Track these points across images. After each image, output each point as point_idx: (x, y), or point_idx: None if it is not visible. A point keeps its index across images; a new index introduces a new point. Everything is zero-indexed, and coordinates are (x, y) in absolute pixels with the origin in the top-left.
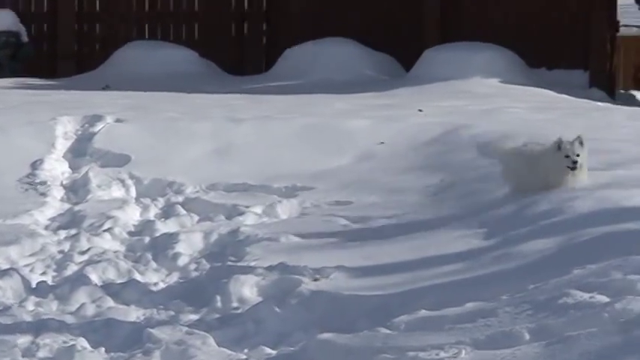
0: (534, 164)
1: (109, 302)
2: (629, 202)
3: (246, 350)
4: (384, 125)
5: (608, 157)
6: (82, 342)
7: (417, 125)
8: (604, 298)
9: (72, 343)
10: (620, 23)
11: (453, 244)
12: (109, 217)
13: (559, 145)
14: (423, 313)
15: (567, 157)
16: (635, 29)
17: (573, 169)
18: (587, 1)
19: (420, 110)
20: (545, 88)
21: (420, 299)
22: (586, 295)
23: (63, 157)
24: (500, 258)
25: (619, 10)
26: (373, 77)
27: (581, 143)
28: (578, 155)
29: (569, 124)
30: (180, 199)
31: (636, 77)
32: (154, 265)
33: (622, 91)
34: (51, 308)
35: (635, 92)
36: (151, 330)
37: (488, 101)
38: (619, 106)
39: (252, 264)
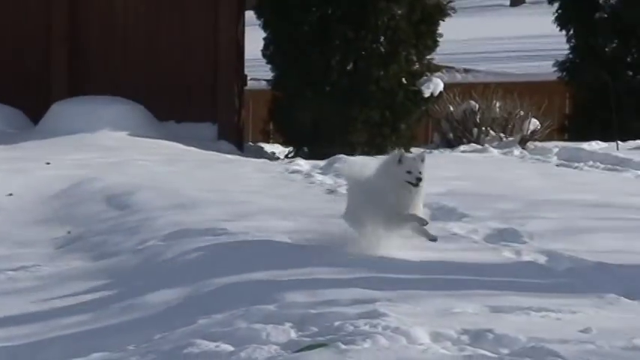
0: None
1: None
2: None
3: None
4: (12, 178)
5: (236, 209)
6: None
7: (44, 178)
8: (229, 347)
9: None
10: (249, 77)
11: (80, 295)
12: None
13: (400, 159)
14: None
15: (409, 172)
16: (263, 83)
17: (416, 185)
18: (215, 55)
19: (48, 163)
20: (174, 140)
21: (47, 350)
22: (211, 345)
23: None
24: (127, 308)
25: (247, 64)
26: (0, 130)
27: (422, 160)
28: (420, 172)
29: (198, 176)
30: None
31: (264, 130)
32: None
33: (251, 144)
34: None
35: (263, 145)
36: None
37: (116, 154)
38: (247, 159)
39: None
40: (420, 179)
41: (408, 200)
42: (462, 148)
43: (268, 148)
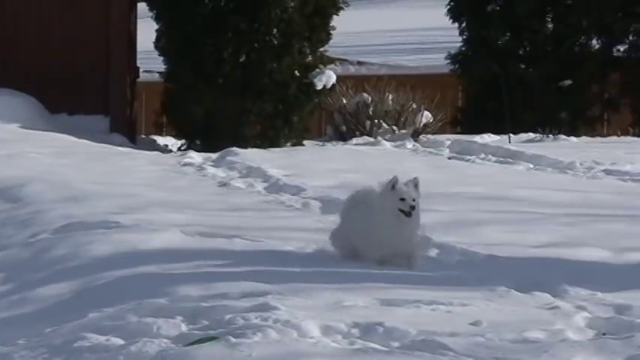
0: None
1: None
2: (146, 245)
3: None
4: None
5: (128, 202)
6: None
7: None
8: (119, 341)
9: None
10: (141, 69)
11: None
12: None
13: (393, 185)
14: None
15: (403, 200)
16: (156, 75)
17: (408, 214)
18: (106, 46)
19: None
20: (66, 133)
21: None
22: (102, 338)
23: None
24: (17, 302)
25: (140, 56)
26: None
27: (416, 186)
28: (414, 200)
29: (90, 168)
30: None
31: (157, 123)
32: None
33: (143, 136)
34: None
35: (156, 137)
36: None
37: (8, 146)
38: (140, 151)
39: None
40: (413, 207)
41: (403, 233)
42: (355, 140)
43: (161, 140)
